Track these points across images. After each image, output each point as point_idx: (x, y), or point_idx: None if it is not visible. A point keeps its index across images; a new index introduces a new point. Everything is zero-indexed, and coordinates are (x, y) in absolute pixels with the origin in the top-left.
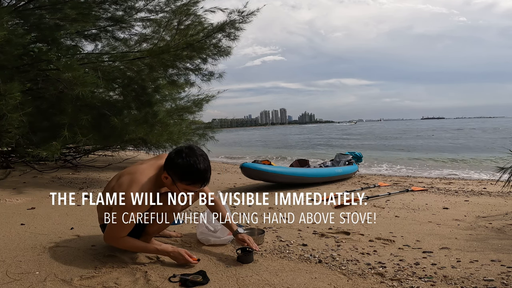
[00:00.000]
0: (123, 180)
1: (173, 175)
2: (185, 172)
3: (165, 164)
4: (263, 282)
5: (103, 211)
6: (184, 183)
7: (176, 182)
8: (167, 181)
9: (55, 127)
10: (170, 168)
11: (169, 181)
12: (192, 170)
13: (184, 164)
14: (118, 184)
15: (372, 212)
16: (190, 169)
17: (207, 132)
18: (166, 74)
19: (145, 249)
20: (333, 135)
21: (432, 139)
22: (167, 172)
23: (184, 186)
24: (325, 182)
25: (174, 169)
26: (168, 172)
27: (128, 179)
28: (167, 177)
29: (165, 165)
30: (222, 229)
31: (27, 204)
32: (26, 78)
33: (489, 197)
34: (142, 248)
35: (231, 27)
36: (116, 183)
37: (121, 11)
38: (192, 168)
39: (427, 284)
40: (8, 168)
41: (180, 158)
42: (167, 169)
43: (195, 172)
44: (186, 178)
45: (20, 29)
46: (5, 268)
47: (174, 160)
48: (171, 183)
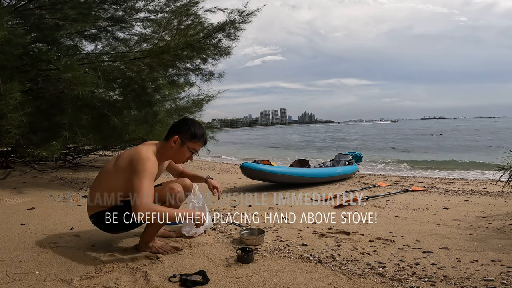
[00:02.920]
0: (129, 156)
1: (184, 136)
2: (196, 132)
3: (175, 129)
4: (263, 282)
5: (113, 190)
6: (194, 141)
7: (187, 142)
8: (175, 145)
9: (55, 127)
10: (181, 131)
11: (178, 144)
12: (202, 131)
13: (194, 126)
14: (125, 161)
15: (372, 212)
16: (200, 130)
17: (207, 132)
18: (166, 74)
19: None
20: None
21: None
22: (178, 135)
23: (192, 145)
24: (325, 182)
25: (187, 130)
26: (180, 135)
27: (134, 153)
28: (176, 141)
29: (175, 130)
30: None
31: (27, 204)
32: (26, 78)
33: (489, 197)
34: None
35: (231, 27)
36: (119, 162)
37: (121, 11)
38: (201, 129)
39: (427, 284)
40: (8, 168)
41: (189, 122)
42: (178, 132)
43: (203, 133)
44: (197, 136)
45: (20, 29)
46: (5, 268)
47: (187, 123)
48: (179, 145)
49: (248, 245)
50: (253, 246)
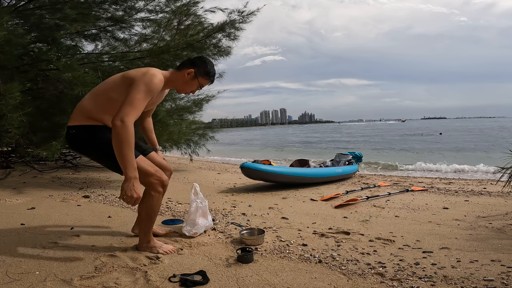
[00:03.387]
0: (137, 70)
1: (199, 70)
2: (210, 70)
3: (193, 62)
4: (263, 282)
5: (104, 95)
6: (206, 77)
7: (199, 76)
8: (188, 77)
9: (55, 127)
10: (198, 65)
11: (191, 76)
12: (214, 71)
13: (210, 65)
14: (132, 73)
15: (372, 212)
16: (213, 69)
17: (207, 132)
18: None
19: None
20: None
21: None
22: (193, 68)
23: (203, 81)
24: (325, 182)
25: (204, 67)
26: (195, 68)
27: (142, 69)
28: (190, 73)
29: (191, 63)
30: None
31: (27, 204)
32: (26, 78)
33: (489, 197)
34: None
35: (231, 27)
36: (124, 75)
37: (121, 11)
38: (214, 69)
39: (427, 284)
40: (8, 168)
41: (206, 60)
42: (194, 66)
43: (215, 73)
44: (210, 74)
45: (20, 29)
46: (5, 268)
47: (205, 61)
48: (192, 78)
49: (248, 245)
50: (253, 246)
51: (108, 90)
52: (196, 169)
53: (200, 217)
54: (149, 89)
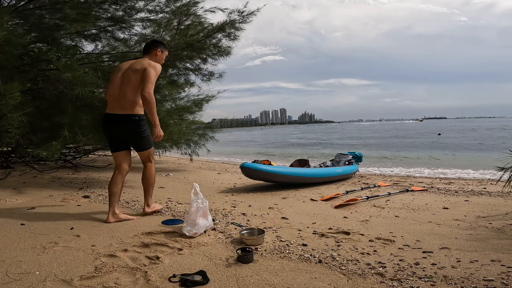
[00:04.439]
0: (141, 63)
1: (162, 48)
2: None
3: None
4: (263, 282)
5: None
6: (166, 50)
7: (164, 51)
8: (161, 54)
9: (55, 127)
10: (161, 45)
11: (160, 53)
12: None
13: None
14: (139, 66)
15: (372, 212)
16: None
17: (207, 132)
18: (166, 74)
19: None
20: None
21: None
22: (160, 48)
23: (166, 52)
24: (325, 182)
25: (163, 45)
26: (160, 47)
27: (144, 62)
28: (159, 51)
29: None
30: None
31: (27, 204)
32: (26, 78)
33: (489, 197)
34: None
35: (231, 27)
36: (132, 69)
37: (121, 11)
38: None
39: (427, 284)
40: (8, 168)
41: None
42: (159, 47)
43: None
44: (166, 47)
45: (20, 29)
46: (5, 268)
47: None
48: (161, 53)
49: (248, 245)
50: (253, 246)
51: (137, 85)
52: (196, 169)
53: (201, 218)
54: (157, 71)
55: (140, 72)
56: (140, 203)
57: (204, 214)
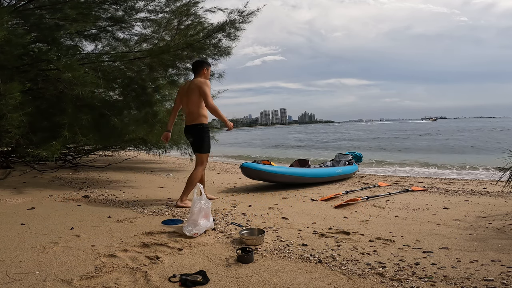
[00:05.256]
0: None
1: (207, 66)
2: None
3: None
4: (263, 282)
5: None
6: (209, 67)
7: (209, 68)
8: (207, 71)
9: (55, 127)
10: (205, 64)
11: (206, 70)
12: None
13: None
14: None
15: (372, 212)
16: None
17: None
18: (166, 74)
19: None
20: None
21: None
22: (205, 67)
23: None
24: (325, 182)
25: (207, 63)
26: (206, 66)
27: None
28: (207, 69)
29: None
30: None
31: (27, 204)
32: (26, 78)
33: (489, 197)
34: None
35: (231, 27)
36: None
37: (121, 11)
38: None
39: (427, 284)
40: (8, 168)
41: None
42: (204, 66)
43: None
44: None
45: (20, 29)
46: (5, 268)
47: (204, 60)
48: (207, 70)
49: (248, 245)
50: (253, 246)
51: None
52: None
53: (202, 218)
54: (208, 86)
55: (197, 91)
56: (140, 203)
57: (206, 215)
